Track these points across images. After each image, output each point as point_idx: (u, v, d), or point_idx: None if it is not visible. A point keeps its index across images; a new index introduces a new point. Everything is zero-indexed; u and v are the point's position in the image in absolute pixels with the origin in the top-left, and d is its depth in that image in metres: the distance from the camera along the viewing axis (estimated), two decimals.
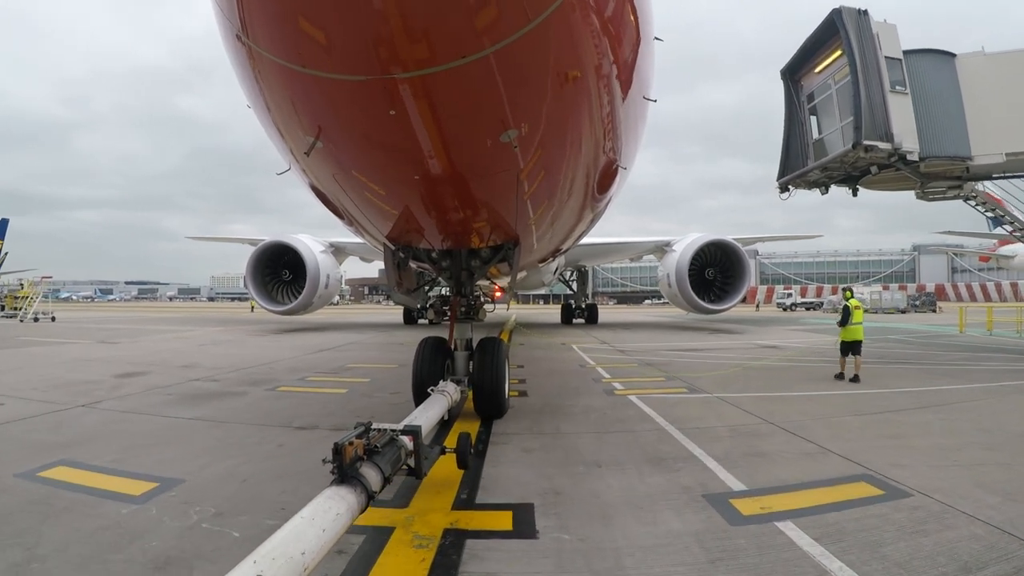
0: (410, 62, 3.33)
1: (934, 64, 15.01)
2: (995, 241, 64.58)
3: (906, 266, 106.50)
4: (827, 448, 6.55)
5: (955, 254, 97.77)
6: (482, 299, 9.60)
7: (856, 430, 7.50)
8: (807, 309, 63.37)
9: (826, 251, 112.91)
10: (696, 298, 26.12)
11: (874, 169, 14.20)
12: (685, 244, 26.93)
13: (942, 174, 15.56)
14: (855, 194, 16.14)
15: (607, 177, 6.18)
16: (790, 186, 16.17)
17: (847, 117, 14.69)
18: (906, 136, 13.69)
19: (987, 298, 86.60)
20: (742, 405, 8.89)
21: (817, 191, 16.26)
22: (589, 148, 5.10)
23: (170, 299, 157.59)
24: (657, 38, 5.14)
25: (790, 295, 68.28)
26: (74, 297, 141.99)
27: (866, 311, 46.99)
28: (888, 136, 13.48)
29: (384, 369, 13.66)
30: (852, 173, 15.07)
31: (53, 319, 36.09)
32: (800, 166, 16.03)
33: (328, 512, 2.99)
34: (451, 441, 5.90)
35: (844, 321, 11.74)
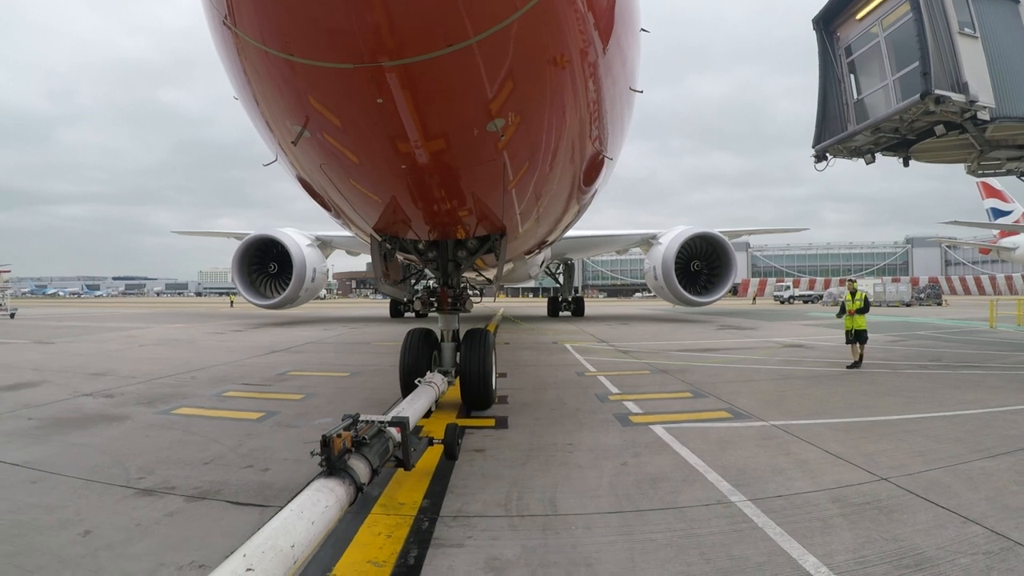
0: (397, 50, 3.22)
1: (997, 8, 12.20)
2: (996, 233, 62.44)
3: (899, 259, 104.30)
4: (1012, 538, 3.72)
5: (949, 247, 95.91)
6: (469, 291, 9.15)
7: (1020, 491, 4.66)
8: (805, 302, 60.82)
9: (818, 243, 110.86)
10: (682, 290, 25.51)
11: (939, 129, 11.30)
12: (671, 237, 26.26)
13: (1007, 141, 12.73)
14: (906, 163, 13.27)
15: (593, 168, 6.06)
16: (828, 154, 13.27)
17: (899, 69, 11.88)
18: (981, 88, 10.86)
19: (981, 291, 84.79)
20: (822, 443, 5.96)
21: (861, 161, 13.37)
22: (575, 138, 4.99)
23: (157, 294, 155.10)
24: (644, 29, 5.02)
25: (788, 287, 65.44)
26: (61, 293, 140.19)
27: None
28: (960, 86, 10.65)
29: (330, 379, 10.67)
30: (908, 137, 12.19)
31: (12, 316, 33.01)
32: (840, 130, 13.16)
33: (317, 504, 2.83)
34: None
35: (843, 311, 12.14)
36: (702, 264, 26.31)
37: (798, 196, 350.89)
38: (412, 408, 5.10)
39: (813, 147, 13.29)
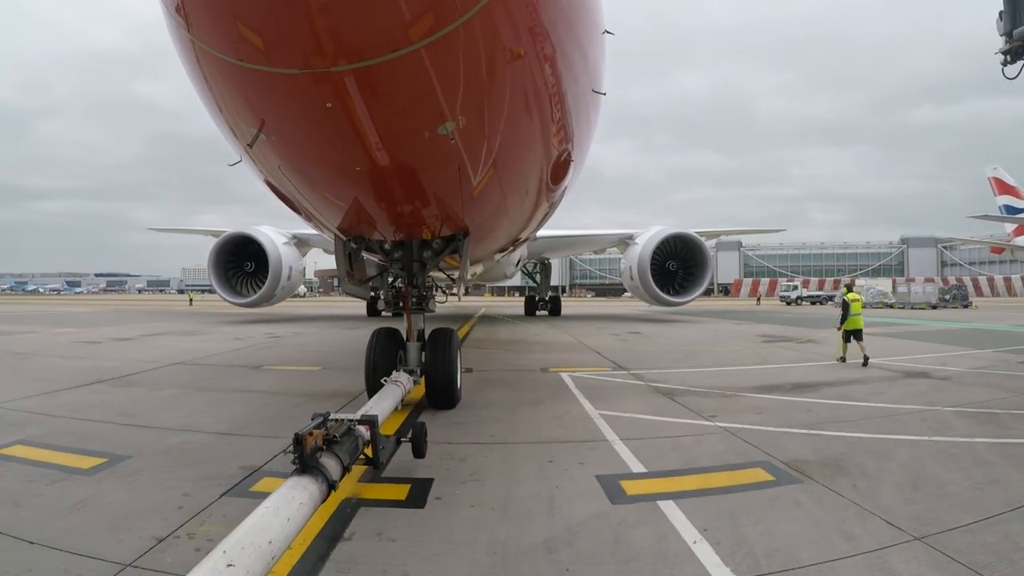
0: (345, 54, 3.18)
1: None
2: (1009, 231, 58.02)
3: (894, 259, 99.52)
4: None
5: (945, 247, 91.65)
6: (434, 290, 8.61)
7: None
8: (812, 303, 55.61)
9: (812, 243, 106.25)
10: (658, 291, 24.81)
11: None
12: (647, 237, 25.56)
13: None
14: None
15: (556, 169, 5.89)
16: None
17: None
18: None
19: (979, 293, 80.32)
20: None
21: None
22: (531, 141, 4.87)
23: (139, 291, 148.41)
24: (607, 31, 4.89)
25: (795, 288, 59.76)
26: (41, 290, 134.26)
27: (890, 306, 39.56)
28: None
29: (45, 486, 4.55)
30: None
31: None
32: None
33: (292, 502, 2.84)
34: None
35: (845, 315, 12.06)
36: (678, 264, 25.48)
37: (785, 195, 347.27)
38: (380, 407, 5.08)
39: (1002, 35, 7.43)
